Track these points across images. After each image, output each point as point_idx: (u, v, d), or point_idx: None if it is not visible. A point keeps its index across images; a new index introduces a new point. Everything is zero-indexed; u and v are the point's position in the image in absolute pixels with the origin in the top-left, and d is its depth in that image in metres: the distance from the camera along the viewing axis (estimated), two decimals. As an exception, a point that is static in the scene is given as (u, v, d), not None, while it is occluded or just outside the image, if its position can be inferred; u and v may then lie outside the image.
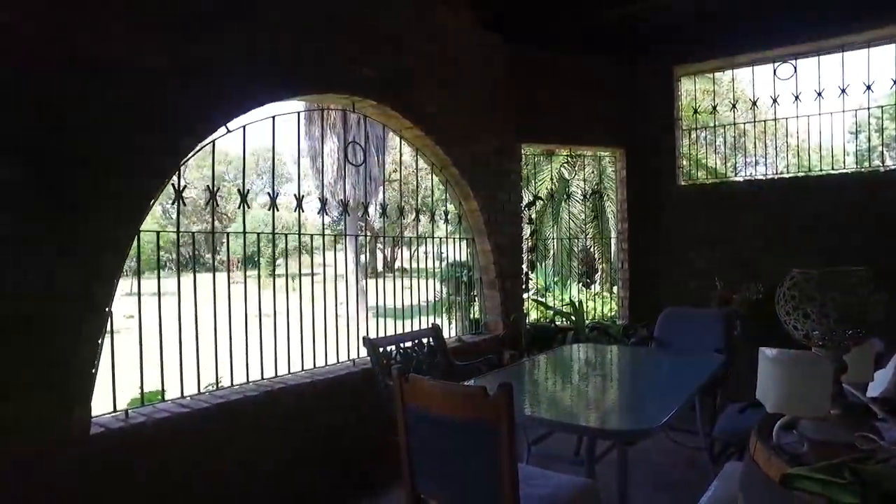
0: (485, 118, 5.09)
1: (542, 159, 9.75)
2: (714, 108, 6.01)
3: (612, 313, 7.41)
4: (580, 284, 9.69)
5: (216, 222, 3.48)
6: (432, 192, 4.94)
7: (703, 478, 2.95)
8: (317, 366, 3.75)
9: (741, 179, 6.62)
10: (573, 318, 6.05)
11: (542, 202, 9.34)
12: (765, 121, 5.86)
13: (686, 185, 5.91)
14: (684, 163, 6.01)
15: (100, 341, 2.59)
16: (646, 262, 5.96)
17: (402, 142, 4.56)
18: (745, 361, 2.35)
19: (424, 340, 3.88)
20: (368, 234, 12.27)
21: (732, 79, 6.78)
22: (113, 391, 2.78)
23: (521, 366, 3.70)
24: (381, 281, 4.73)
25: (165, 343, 2.93)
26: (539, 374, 3.42)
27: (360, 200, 4.79)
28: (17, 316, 2.31)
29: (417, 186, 4.99)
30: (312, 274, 4.56)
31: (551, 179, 10.24)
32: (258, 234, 3.55)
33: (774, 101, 5.45)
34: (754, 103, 5.89)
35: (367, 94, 3.87)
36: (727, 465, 2.42)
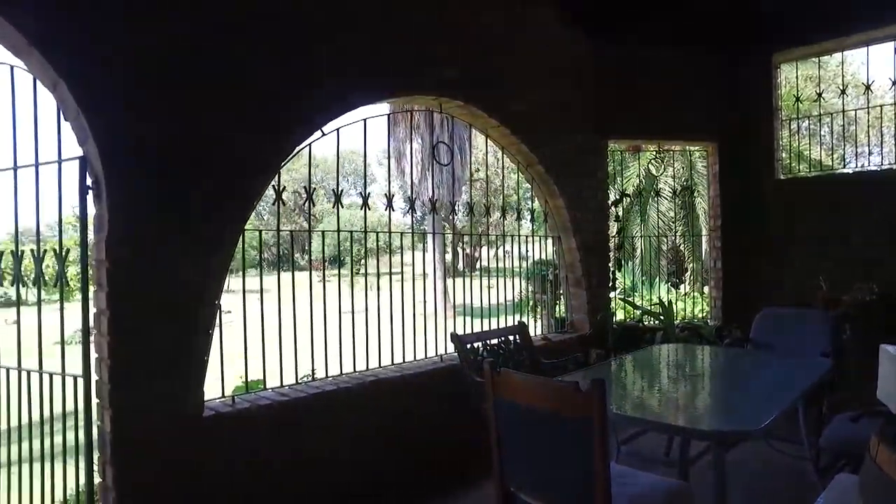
0: (570, 115, 5.04)
1: (628, 156, 9.49)
2: (819, 94, 5.62)
3: (703, 314, 7.10)
4: (668, 284, 9.35)
5: (305, 223, 3.67)
6: (518, 189, 4.95)
7: (806, 490, 2.79)
8: (406, 360, 3.87)
9: (850, 171, 6.13)
10: (662, 317, 5.85)
11: (628, 199, 9.08)
12: (881, 106, 5.38)
13: (786, 178, 5.56)
14: (783, 155, 5.65)
15: (210, 332, 2.83)
16: (740, 260, 5.67)
17: (488, 141, 4.59)
18: (856, 366, 2.21)
19: (510, 337, 3.91)
20: (454, 232, 12.40)
21: (842, 61, 6.26)
22: (221, 379, 3.01)
23: (609, 365, 3.65)
24: (465, 280, 4.79)
25: (260, 336, 3.12)
26: (628, 373, 3.36)
27: (445, 200, 4.88)
28: (147, 309, 2.58)
29: (503, 185, 5.02)
30: (402, 272, 4.69)
31: (638, 176, 9.93)
32: (351, 232, 3.71)
33: (895, 83, 4.99)
34: (868, 87, 5.44)
35: (455, 94, 3.95)
36: (838, 477, 2.27)
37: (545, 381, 2.05)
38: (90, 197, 2.56)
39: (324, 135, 3.23)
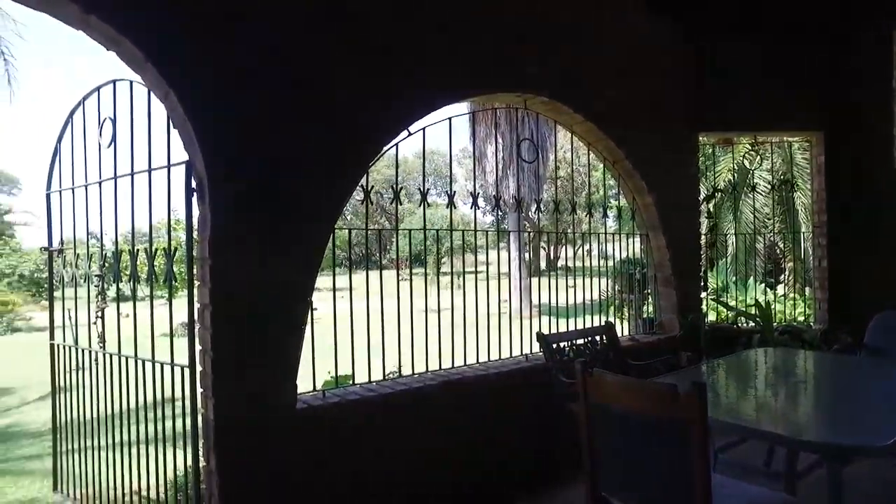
0: (659, 108, 4.85)
1: (719, 149, 9.01)
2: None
3: (805, 317, 6.63)
4: (764, 284, 8.79)
5: (386, 222, 3.74)
6: (604, 187, 4.83)
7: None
8: (490, 359, 3.87)
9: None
10: (759, 320, 5.51)
11: (720, 195, 8.62)
12: None
13: (905, 169, 5.07)
14: (902, 143, 5.16)
15: (302, 328, 2.94)
16: (849, 259, 5.22)
17: (573, 138, 4.51)
18: None
19: (597, 338, 3.82)
20: (537, 231, 12.28)
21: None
22: (313, 373, 3.12)
23: (702, 368, 3.48)
24: (547, 279, 4.72)
25: (344, 333, 3.21)
26: (722, 378, 3.19)
27: (528, 197, 4.83)
28: (246, 304, 2.72)
29: (589, 182, 4.91)
30: (487, 270, 4.69)
31: (730, 170, 9.41)
32: (437, 230, 3.75)
33: None
34: None
35: (539, 90, 3.90)
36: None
37: (640, 382, 1.98)
38: (195, 199, 2.74)
39: (410, 134, 3.28)
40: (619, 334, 4.32)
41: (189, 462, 2.81)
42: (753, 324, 5.63)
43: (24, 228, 32.21)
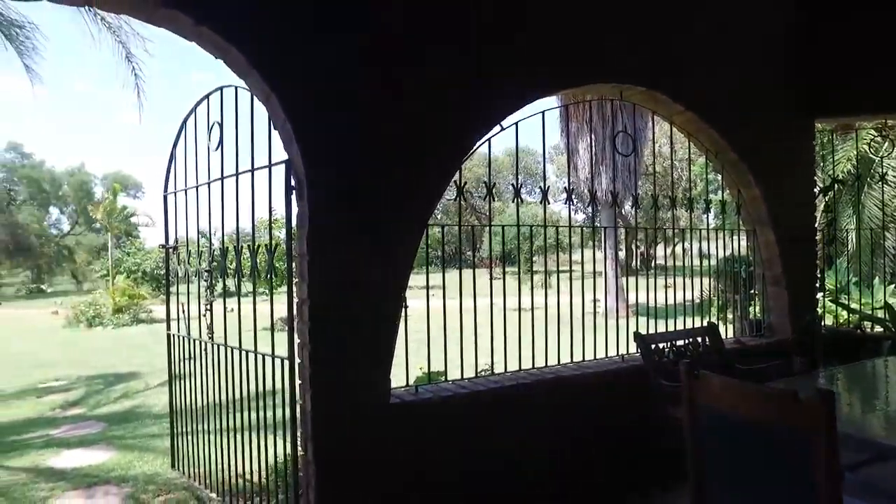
0: (768, 94, 4.49)
1: (837, 137, 8.23)
2: None
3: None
4: (894, 286, 7.92)
5: (475, 220, 3.71)
6: (704, 180, 4.54)
7: None
8: (586, 359, 3.75)
9: None
10: (889, 324, 4.97)
11: (840, 187, 7.86)
12: None
13: None
14: None
15: (396, 324, 2.97)
16: None
17: (672, 129, 4.26)
18: None
19: (699, 339, 3.60)
20: (634, 227, 11.82)
21: None
22: (406, 369, 3.15)
23: (820, 375, 3.18)
24: (642, 278, 4.51)
25: (436, 330, 3.21)
26: (846, 388, 2.89)
27: (622, 193, 4.63)
28: (342, 299, 2.80)
29: (690, 175, 4.64)
30: (582, 268, 4.55)
31: (850, 160, 8.57)
32: (530, 226, 3.67)
33: None
34: None
35: (637, 80, 3.73)
36: None
37: (754, 386, 1.82)
38: (293, 196, 2.84)
39: (502, 129, 3.24)
40: (723, 336, 4.05)
41: (288, 450, 2.93)
42: (882, 329, 5.08)
43: (146, 229, 35.57)
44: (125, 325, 16.33)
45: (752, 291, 4.88)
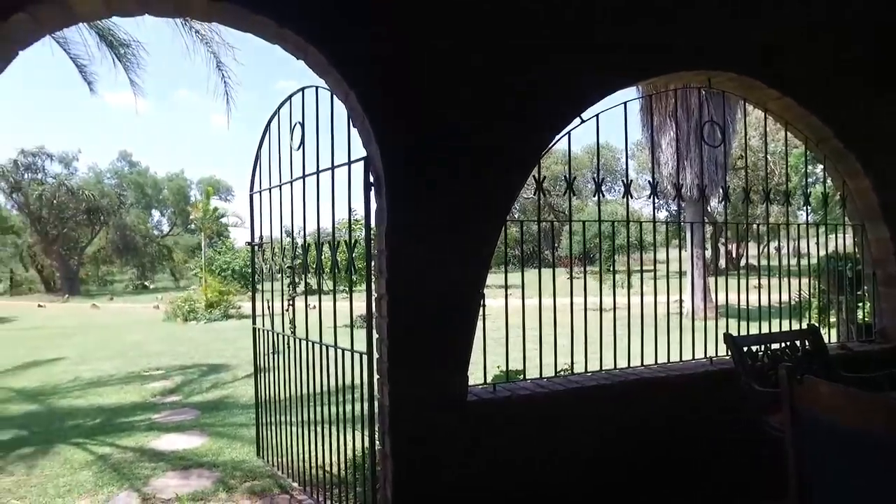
0: (879, 71, 4.05)
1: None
2: None
3: None
4: None
5: (552, 217, 3.59)
6: (804, 172, 4.20)
7: None
8: (671, 361, 3.57)
9: None
10: None
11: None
12: None
13: None
14: None
15: (474, 321, 2.94)
16: None
17: (766, 117, 3.97)
18: None
19: (797, 343, 3.34)
20: (726, 223, 11.19)
21: None
22: (484, 366, 3.12)
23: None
24: (737, 278, 4.24)
25: (514, 329, 3.16)
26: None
27: (709, 188, 4.37)
28: (420, 295, 2.80)
29: (787, 166, 4.31)
30: (667, 267, 4.33)
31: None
32: (612, 222, 3.53)
33: None
34: None
35: (729, 66, 3.48)
36: None
37: (874, 396, 1.65)
38: (372, 193, 2.87)
39: (582, 121, 3.14)
40: (826, 341, 3.74)
41: (367, 444, 2.97)
42: None
43: (235, 229, 37.80)
44: (216, 320, 17.32)
45: (859, 293, 4.47)
